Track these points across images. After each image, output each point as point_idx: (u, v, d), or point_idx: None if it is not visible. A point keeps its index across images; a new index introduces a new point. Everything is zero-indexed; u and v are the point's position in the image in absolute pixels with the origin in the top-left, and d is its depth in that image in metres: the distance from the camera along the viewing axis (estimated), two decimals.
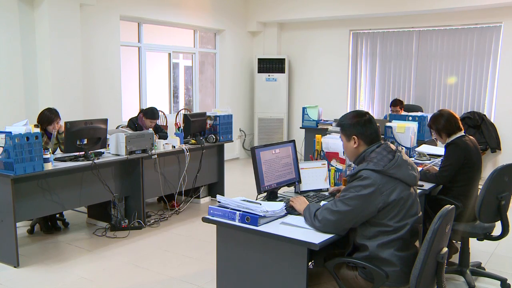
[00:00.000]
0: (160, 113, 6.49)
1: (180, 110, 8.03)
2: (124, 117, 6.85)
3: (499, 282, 3.51)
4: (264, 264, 2.35)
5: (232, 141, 6.05)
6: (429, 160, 4.22)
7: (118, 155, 4.59)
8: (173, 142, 5.19)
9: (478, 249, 4.15)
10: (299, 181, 3.04)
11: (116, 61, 6.81)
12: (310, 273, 2.36)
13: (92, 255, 4.11)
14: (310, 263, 2.52)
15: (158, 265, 3.92)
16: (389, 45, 8.25)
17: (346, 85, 8.69)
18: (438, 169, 3.56)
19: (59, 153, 4.59)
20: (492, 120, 7.41)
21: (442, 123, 3.53)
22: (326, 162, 3.16)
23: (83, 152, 4.37)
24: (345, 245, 2.48)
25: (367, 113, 2.44)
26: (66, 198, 4.26)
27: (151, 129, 5.30)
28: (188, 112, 7.44)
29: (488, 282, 3.58)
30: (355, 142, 2.40)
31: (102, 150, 4.61)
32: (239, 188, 6.46)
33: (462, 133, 3.53)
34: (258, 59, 8.91)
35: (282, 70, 8.88)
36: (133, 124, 5.49)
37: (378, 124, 2.47)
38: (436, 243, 2.06)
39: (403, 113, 6.38)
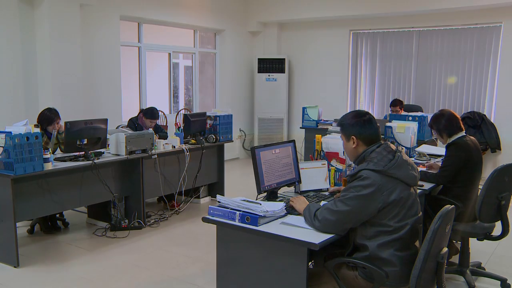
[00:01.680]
0: (160, 113, 6.48)
1: (180, 110, 8.03)
2: (124, 117, 6.85)
3: (499, 282, 3.51)
4: (264, 264, 2.35)
5: (232, 141, 6.04)
6: (429, 160, 4.22)
7: (118, 155, 4.59)
8: (173, 142, 5.19)
9: (478, 249, 4.15)
10: (299, 181, 3.04)
11: (116, 61, 6.81)
12: (310, 273, 2.35)
13: (92, 255, 4.11)
14: (310, 263, 2.52)
15: (158, 265, 3.91)
16: (389, 45, 8.25)
17: (346, 85, 8.68)
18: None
19: (59, 153, 4.59)
20: (492, 120, 7.41)
21: (443, 123, 3.53)
22: (326, 162, 3.16)
23: (83, 152, 4.36)
24: (345, 245, 2.48)
25: (368, 113, 2.43)
26: (66, 198, 4.26)
27: (151, 129, 5.31)
28: (188, 112, 7.43)
29: (488, 282, 3.58)
30: (354, 142, 2.40)
31: (102, 150, 4.61)
32: (239, 188, 6.45)
33: (463, 133, 3.52)
34: (258, 59, 8.90)
35: (282, 70, 8.88)
36: (133, 124, 5.49)
37: (378, 124, 2.46)
38: (436, 243, 2.06)
39: (403, 113, 6.37)
